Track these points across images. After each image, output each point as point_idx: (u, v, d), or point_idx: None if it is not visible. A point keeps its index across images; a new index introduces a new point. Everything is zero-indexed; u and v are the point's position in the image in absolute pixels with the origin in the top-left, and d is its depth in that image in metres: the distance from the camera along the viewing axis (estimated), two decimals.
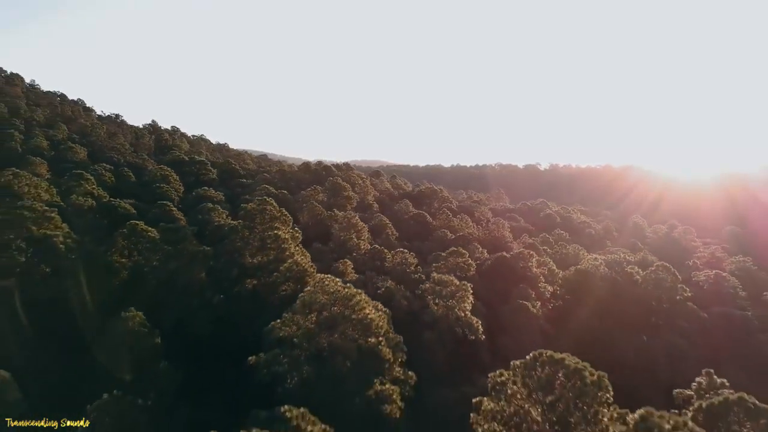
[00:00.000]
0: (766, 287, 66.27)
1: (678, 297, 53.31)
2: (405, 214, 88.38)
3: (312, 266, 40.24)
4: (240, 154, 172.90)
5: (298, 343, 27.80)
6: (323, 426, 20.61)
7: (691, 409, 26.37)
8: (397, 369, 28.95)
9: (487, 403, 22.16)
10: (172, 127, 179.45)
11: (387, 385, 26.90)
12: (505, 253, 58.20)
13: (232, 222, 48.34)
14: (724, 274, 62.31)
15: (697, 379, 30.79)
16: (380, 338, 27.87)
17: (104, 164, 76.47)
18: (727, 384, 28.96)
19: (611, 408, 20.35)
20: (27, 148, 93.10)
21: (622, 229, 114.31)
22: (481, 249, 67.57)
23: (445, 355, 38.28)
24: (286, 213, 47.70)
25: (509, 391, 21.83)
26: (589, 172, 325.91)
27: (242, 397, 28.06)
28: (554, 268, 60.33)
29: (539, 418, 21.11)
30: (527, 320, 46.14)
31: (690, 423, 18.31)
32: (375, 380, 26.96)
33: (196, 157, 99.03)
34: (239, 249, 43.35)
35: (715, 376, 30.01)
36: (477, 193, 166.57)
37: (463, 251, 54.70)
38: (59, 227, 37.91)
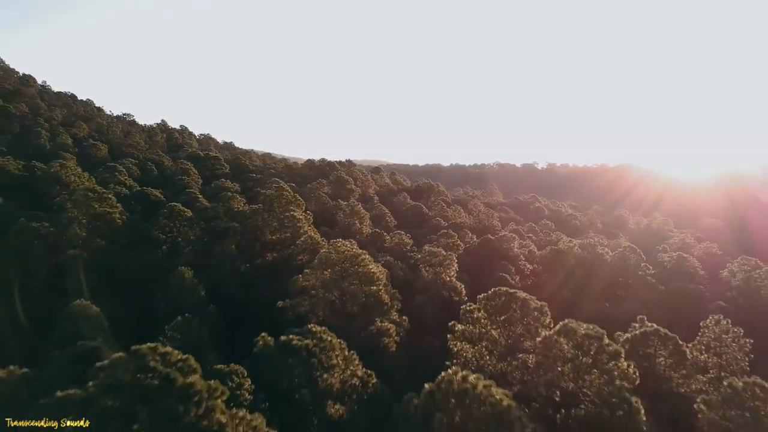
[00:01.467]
0: (725, 267, 73.86)
1: (640, 273, 61.09)
2: (403, 206, 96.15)
3: (323, 239, 47.97)
4: (247, 152, 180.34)
5: (316, 291, 35.63)
6: (339, 340, 28.35)
7: (621, 339, 34.11)
8: (394, 313, 36.78)
9: (459, 326, 29.94)
10: (180, 126, 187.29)
11: (386, 323, 34.68)
12: (489, 236, 65.98)
13: (253, 206, 56.03)
14: (685, 255, 70.01)
15: (633, 324, 38.48)
16: (380, 287, 35.64)
17: (130, 159, 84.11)
18: (656, 326, 36.50)
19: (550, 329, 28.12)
20: (54, 145, 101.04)
21: (608, 222, 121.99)
22: (471, 234, 75.35)
23: (434, 313, 45.95)
24: (299, 198, 55.59)
25: (476, 316, 29.62)
26: (586, 171, 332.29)
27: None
28: (535, 249, 68.13)
29: (496, 334, 28.90)
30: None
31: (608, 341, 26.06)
32: (377, 319, 34.75)
33: (210, 153, 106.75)
34: (260, 228, 51.21)
35: (646, 321, 37.67)
36: (473, 189, 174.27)
37: (453, 233, 62.56)
38: (115, 206, 45.71)
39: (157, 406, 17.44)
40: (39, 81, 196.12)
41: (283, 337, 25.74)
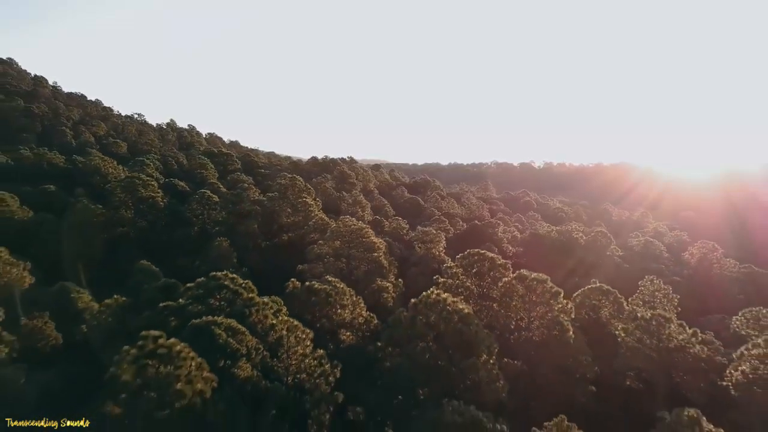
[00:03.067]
0: (709, 259, 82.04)
1: (608, 254, 69.45)
2: (401, 199, 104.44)
3: (332, 220, 56.30)
4: (253, 150, 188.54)
5: (328, 258, 43.98)
6: (349, 288, 36.58)
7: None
8: (391, 276, 45.12)
9: (441, 279, 38.24)
10: (188, 125, 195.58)
11: (384, 283, 43.03)
12: (476, 222, 74.33)
13: (269, 194, 64.31)
14: (652, 240, 78.40)
15: (587, 287, 46.67)
16: (380, 254, 43.97)
17: (153, 155, 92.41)
18: (599, 283, 44.54)
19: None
20: (78, 142, 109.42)
21: (592, 214, 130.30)
22: (461, 222, 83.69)
23: (425, 283, 54.14)
24: (309, 186, 63.89)
25: (454, 271, 37.95)
26: (582, 170, 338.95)
27: None
28: (518, 234, 76.48)
29: (469, 284, 37.23)
30: None
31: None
32: (377, 279, 43.10)
33: (222, 150, 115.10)
34: (277, 212, 59.57)
35: (597, 282, 45.90)
36: (468, 186, 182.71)
37: (444, 219, 70.87)
38: (156, 191, 54.03)
39: (230, 311, 25.78)
40: (53, 82, 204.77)
41: (307, 282, 34.07)
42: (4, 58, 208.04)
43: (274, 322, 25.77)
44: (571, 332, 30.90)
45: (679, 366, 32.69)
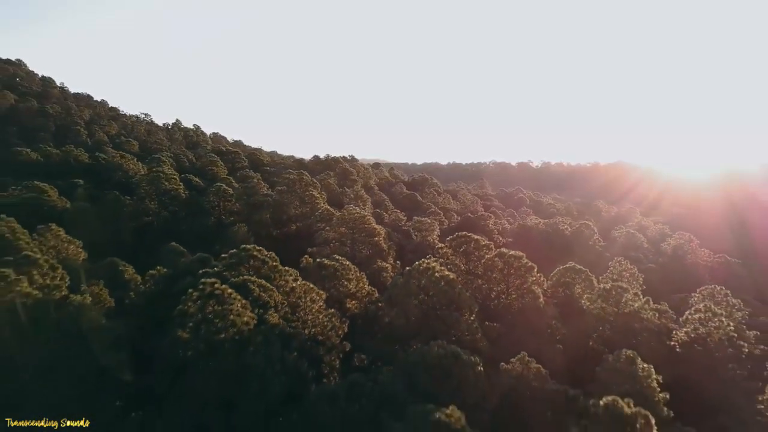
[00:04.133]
0: (685, 249, 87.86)
1: (590, 243, 75.17)
2: (400, 195, 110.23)
3: (336, 210, 62.00)
4: (257, 150, 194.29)
5: (335, 242, 49.70)
6: (354, 265, 42.27)
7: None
8: (390, 259, 50.83)
9: (432, 258, 43.89)
10: (194, 125, 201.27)
11: (383, 263, 48.75)
12: (470, 214, 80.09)
13: (279, 187, 70.01)
14: (633, 232, 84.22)
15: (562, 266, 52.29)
16: (380, 239, 49.69)
17: (166, 153, 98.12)
18: (573, 263, 50.08)
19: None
20: (93, 141, 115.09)
21: (582, 210, 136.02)
22: (456, 216, 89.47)
23: None
24: (315, 181, 69.58)
25: (444, 251, 43.67)
26: (580, 169, 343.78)
27: None
28: (508, 227, 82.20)
29: (458, 262, 42.94)
30: None
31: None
32: (378, 260, 48.82)
33: (230, 149, 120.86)
34: (286, 204, 65.24)
35: (573, 264, 51.52)
36: (465, 184, 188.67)
37: (440, 212, 76.59)
38: (179, 184, 59.72)
39: (258, 274, 31.48)
40: (60, 83, 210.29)
41: (318, 259, 39.77)
42: (13, 59, 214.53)
43: (294, 285, 31.50)
44: (542, 299, 36.66)
45: (635, 329, 38.39)
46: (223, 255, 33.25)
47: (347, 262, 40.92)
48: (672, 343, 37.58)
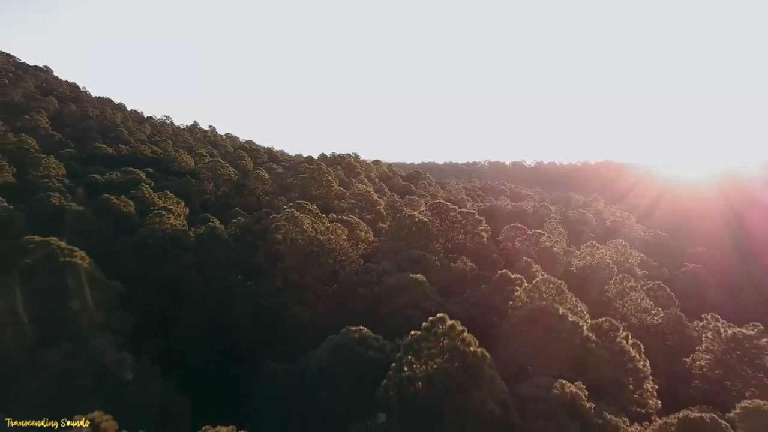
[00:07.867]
0: (623, 224, 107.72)
1: (547, 220, 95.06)
2: (397, 186, 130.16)
3: (347, 191, 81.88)
4: (268, 149, 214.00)
5: (347, 212, 69.60)
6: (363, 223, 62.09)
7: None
8: (387, 222, 70.71)
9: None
10: (209, 126, 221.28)
11: (383, 225, 68.58)
12: (452, 198, 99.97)
13: (302, 175, 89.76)
14: (584, 212, 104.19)
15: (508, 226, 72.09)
16: (380, 208, 69.49)
17: (201, 150, 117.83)
18: (520, 225, 69.87)
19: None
20: (135, 140, 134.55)
21: (556, 200, 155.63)
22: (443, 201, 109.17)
23: None
24: (329, 171, 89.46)
25: (424, 213, 63.46)
26: (572, 168, 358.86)
27: None
28: (482, 207, 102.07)
29: (433, 220, 62.75)
30: None
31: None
32: (379, 222, 68.71)
33: (252, 146, 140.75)
34: (308, 187, 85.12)
35: (517, 224, 71.28)
36: (458, 180, 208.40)
37: (428, 196, 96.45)
38: (230, 170, 79.43)
39: (310, 215, 51.37)
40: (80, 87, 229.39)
41: (339, 216, 59.58)
42: (41, 65, 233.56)
43: (328, 224, 51.35)
44: (485, 238, 56.46)
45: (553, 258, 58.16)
46: (284, 207, 53.03)
47: (358, 220, 60.88)
48: (571, 268, 57.43)
